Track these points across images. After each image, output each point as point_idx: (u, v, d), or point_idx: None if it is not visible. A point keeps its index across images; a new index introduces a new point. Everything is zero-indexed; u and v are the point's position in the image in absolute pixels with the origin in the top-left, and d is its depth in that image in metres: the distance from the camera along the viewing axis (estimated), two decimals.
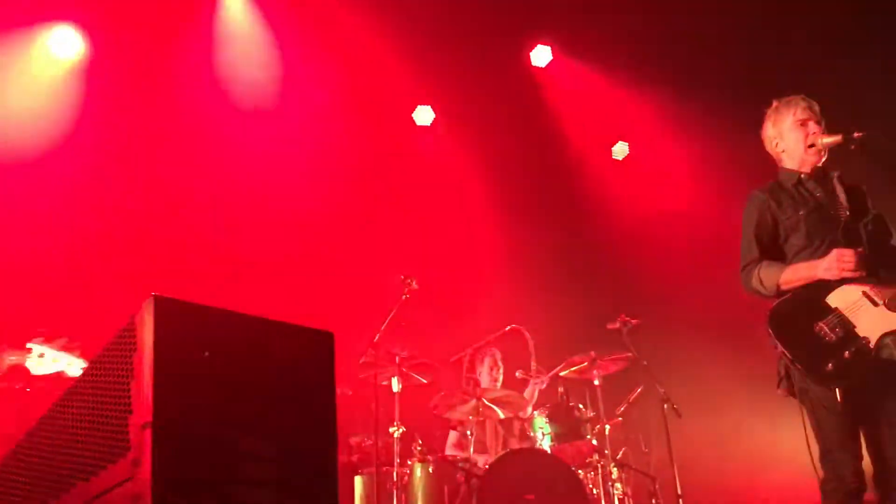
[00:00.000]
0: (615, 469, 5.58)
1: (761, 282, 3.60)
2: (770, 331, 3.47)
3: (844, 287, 3.44)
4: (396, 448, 5.36)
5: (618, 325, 5.98)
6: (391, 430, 5.45)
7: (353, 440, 6.23)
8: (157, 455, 1.62)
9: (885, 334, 3.33)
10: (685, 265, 6.89)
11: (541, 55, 7.80)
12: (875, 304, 3.37)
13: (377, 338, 5.52)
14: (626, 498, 5.61)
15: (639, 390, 6.04)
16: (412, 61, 7.27)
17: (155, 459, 1.62)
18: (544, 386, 6.17)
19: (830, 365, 3.33)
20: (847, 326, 3.36)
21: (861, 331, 3.35)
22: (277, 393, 1.91)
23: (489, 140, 7.65)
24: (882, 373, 3.35)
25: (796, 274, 3.52)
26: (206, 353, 1.81)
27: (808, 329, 3.41)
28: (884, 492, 3.34)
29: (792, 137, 3.75)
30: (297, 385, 1.97)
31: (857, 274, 3.37)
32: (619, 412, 5.98)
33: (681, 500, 5.59)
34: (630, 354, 5.87)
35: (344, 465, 5.97)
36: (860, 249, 3.41)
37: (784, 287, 3.55)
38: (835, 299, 3.44)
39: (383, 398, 5.59)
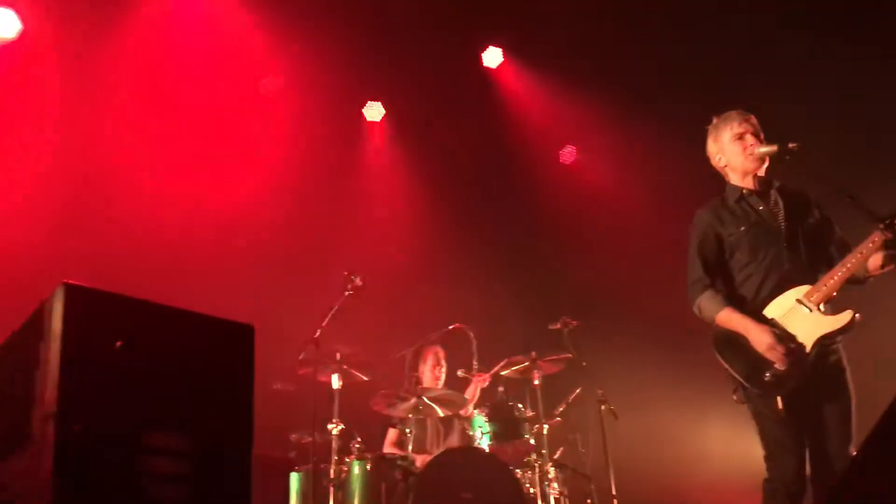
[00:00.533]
0: (552, 469, 5.62)
1: (701, 310, 3.73)
2: (713, 348, 3.61)
3: (780, 297, 3.54)
4: (334, 445, 5.33)
5: (559, 326, 6.03)
6: (330, 426, 5.41)
7: (293, 436, 6.18)
8: (60, 448, 1.57)
9: (820, 338, 3.42)
10: (627, 269, 6.97)
11: (492, 56, 7.83)
12: (808, 309, 3.45)
13: (318, 334, 5.48)
14: (562, 497, 5.65)
15: (577, 391, 6.10)
16: (363, 56, 7.23)
17: (58, 453, 1.57)
18: (486, 384, 6.19)
19: (769, 375, 3.43)
20: (784, 335, 3.44)
21: (797, 337, 3.44)
22: (193, 386, 1.87)
23: (438, 138, 7.64)
24: (819, 376, 3.45)
25: (729, 322, 3.61)
26: (119, 344, 1.76)
27: (747, 342, 3.52)
28: (820, 489, 3.43)
29: (731, 151, 3.83)
30: (215, 379, 1.93)
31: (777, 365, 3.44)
32: (557, 412, 6.03)
33: (615, 501, 5.67)
34: (570, 355, 5.92)
35: (281, 462, 5.92)
36: (797, 274, 3.49)
37: (718, 324, 3.65)
38: (771, 310, 3.55)
39: (324, 395, 5.54)
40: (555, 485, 5.60)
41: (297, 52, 7.16)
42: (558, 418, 6.02)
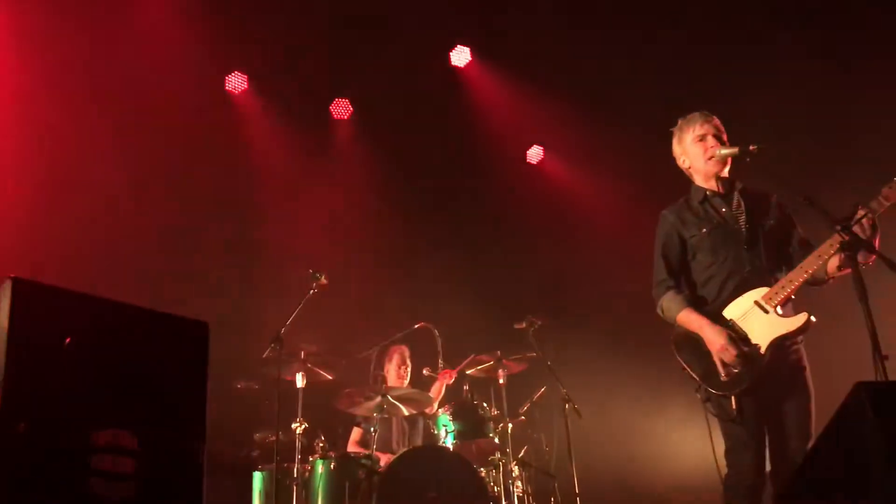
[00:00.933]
0: (516, 467, 5.65)
1: (663, 311, 3.80)
2: (673, 348, 3.67)
3: (739, 298, 3.59)
4: (298, 444, 5.30)
5: (524, 325, 6.04)
6: (293, 425, 5.38)
7: (257, 435, 6.14)
8: (3, 445, 1.54)
9: (775, 339, 3.47)
10: (592, 268, 7.01)
11: (460, 55, 7.84)
12: (765, 311, 3.50)
13: (282, 332, 5.44)
14: (525, 496, 5.68)
15: (542, 390, 6.13)
16: (330, 53, 7.20)
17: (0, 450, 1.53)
18: (452, 382, 6.19)
19: (724, 375, 3.48)
20: (741, 335, 3.50)
21: (753, 338, 3.49)
22: (144, 384, 1.84)
23: (405, 135, 7.62)
24: (778, 375, 3.50)
25: (688, 322, 3.67)
26: (68, 340, 1.73)
27: (704, 343, 3.57)
28: (779, 488, 3.48)
29: (693, 153, 3.86)
30: (167, 376, 1.90)
31: (727, 366, 3.49)
32: (522, 411, 6.06)
33: (578, 499, 5.70)
34: (535, 354, 5.95)
35: (243, 461, 5.88)
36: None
37: (678, 324, 3.71)
38: (730, 311, 3.60)
39: (288, 394, 5.51)
40: (519, 483, 5.63)
41: (261, 48, 7.11)
42: (523, 417, 6.05)
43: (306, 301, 5.59)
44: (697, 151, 3.82)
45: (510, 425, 5.68)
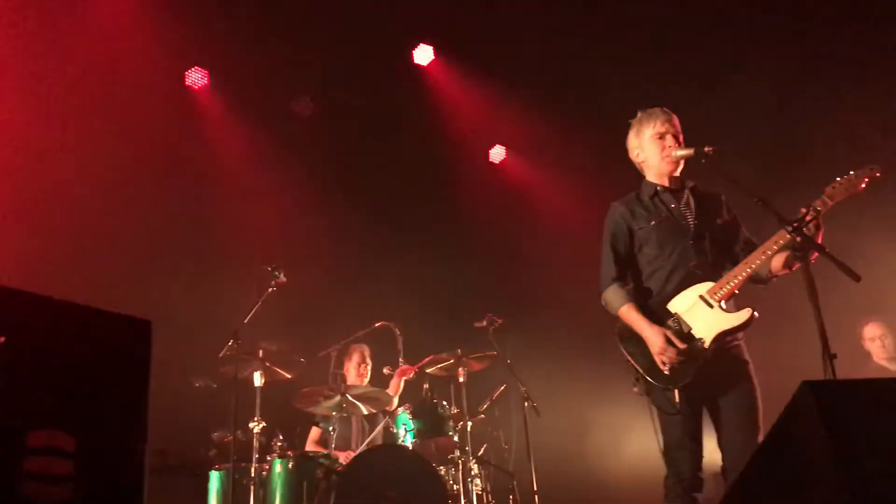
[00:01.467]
0: (475, 466, 5.66)
1: (606, 303, 3.82)
2: (617, 339, 3.69)
3: (684, 292, 3.60)
4: (256, 443, 5.25)
5: (484, 323, 6.06)
6: (251, 425, 5.33)
7: (215, 435, 6.04)
8: None
9: (719, 334, 3.50)
10: (551, 267, 7.04)
11: (423, 54, 7.83)
12: (710, 305, 3.54)
13: (240, 330, 5.38)
14: (484, 494, 5.69)
15: (502, 388, 6.15)
16: (292, 49, 7.14)
17: None
18: (411, 376, 6.18)
19: (668, 368, 3.49)
20: (685, 328, 3.52)
21: (697, 332, 3.52)
22: (81, 383, 1.79)
23: (367, 133, 7.59)
24: (722, 370, 3.54)
25: (629, 318, 3.70)
26: (2, 339, 1.68)
27: None
28: (729, 481, 3.51)
29: (650, 149, 3.90)
30: (106, 375, 1.85)
31: (667, 364, 3.51)
32: (481, 409, 6.07)
33: (536, 497, 5.73)
34: (495, 353, 5.96)
35: (200, 460, 5.81)
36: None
37: (620, 317, 3.74)
38: (675, 304, 3.62)
39: (247, 393, 5.46)
40: (478, 481, 5.65)
41: (221, 43, 7.02)
42: (482, 415, 6.06)
43: (265, 299, 5.55)
44: (655, 149, 3.86)
45: (470, 423, 5.69)
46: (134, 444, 1.83)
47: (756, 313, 3.51)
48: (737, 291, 3.56)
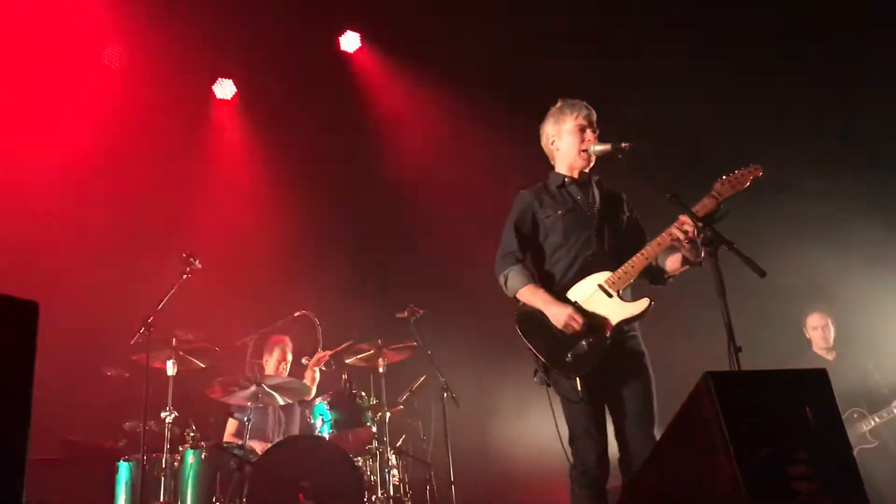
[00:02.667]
0: (393, 456, 5.65)
1: (506, 282, 3.80)
2: (517, 327, 3.66)
3: (583, 281, 3.65)
4: (167, 433, 5.13)
5: (405, 314, 6.04)
6: (163, 415, 5.20)
7: (127, 425, 5.87)
8: None
9: (618, 323, 3.56)
10: (470, 257, 7.01)
11: (350, 41, 7.75)
12: (609, 295, 3.59)
13: (151, 318, 5.23)
14: (401, 484, 5.69)
15: (421, 379, 6.15)
16: (214, 32, 6.97)
17: None
18: (326, 359, 6.13)
19: (570, 356, 3.53)
20: (585, 318, 3.56)
21: (597, 321, 3.56)
22: None
23: (291, 119, 7.47)
24: (619, 360, 3.59)
25: (533, 298, 3.70)
26: None
27: (550, 324, 3.60)
28: (627, 471, 3.57)
29: (568, 140, 3.92)
30: None
31: (575, 334, 3.56)
32: (401, 400, 6.06)
33: (453, 487, 5.75)
34: (415, 344, 5.96)
35: (109, 451, 5.64)
36: (600, 256, 3.63)
37: (520, 299, 3.74)
38: (574, 293, 3.65)
39: (160, 382, 5.32)
40: (395, 472, 5.64)
41: (143, 24, 6.81)
42: (401, 406, 6.06)
43: (180, 286, 5.42)
44: (573, 141, 3.88)
45: (388, 414, 5.68)
46: (13, 432, 1.75)
47: (653, 303, 3.57)
48: (633, 280, 3.61)
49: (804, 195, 6.49)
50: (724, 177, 3.51)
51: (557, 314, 3.57)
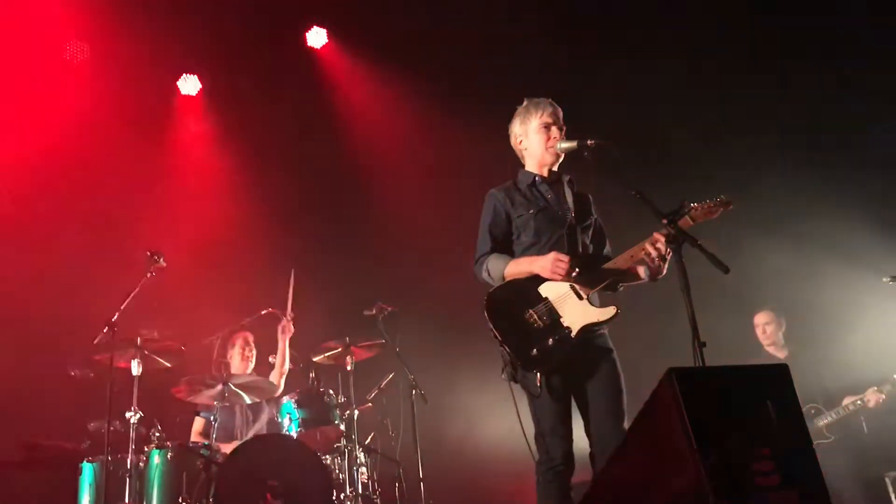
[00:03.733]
0: (362, 454, 5.64)
1: (489, 273, 3.80)
2: (485, 314, 3.64)
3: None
4: (132, 434, 5.07)
5: (374, 311, 6.02)
6: (128, 415, 5.14)
7: (91, 425, 5.79)
8: None
9: (585, 325, 3.59)
10: (440, 255, 7.01)
11: (316, 37, 7.70)
12: (580, 297, 3.63)
13: (115, 317, 5.17)
14: (370, 482, 5.69)
15: (390, 376, 6.14)
16: (180, 27, 6.89)
17: None
18: (289, 320, 6.13)
19: (535, 350, 3.55)
20: (554, 315, 3.60)
21: (565, 320, 3.59)
22: None
23: (256, 115, 7.40)
24: (587, 358, 3.63)
25: (518, 267, 3.74)
26: None
27: (519, 315, 3.62)
28: (598, 468, 3.59)
29: (535, 139, 3.95)
30: None
31: (564, 278, 3.59)
32: (369, 398, 6.05)
33: (422, 484, 5.76)
34: (384, 341, 5.95)
35: (72, 452, 5.56)
36: (574, 257, 3.63)
37: (508, 278, 3.75)
38: (546, 289, 3.67)
39: (124, 382, 5.25)
40: (364, 469, 5.63)
41: (106, 19, 6.71)
42: (370, 403, 6.04)
43: (144, 284, 5.35)
44: (539, 139, 3.91)
45: (356, 412, 5.66)
46: None
47: (620, 311, 3.61)
48: (603, 285, 3.66)
49: (764, 193, 6.58)
50: (695, 204, 3.43)
51: (544, 263, 3.61)
